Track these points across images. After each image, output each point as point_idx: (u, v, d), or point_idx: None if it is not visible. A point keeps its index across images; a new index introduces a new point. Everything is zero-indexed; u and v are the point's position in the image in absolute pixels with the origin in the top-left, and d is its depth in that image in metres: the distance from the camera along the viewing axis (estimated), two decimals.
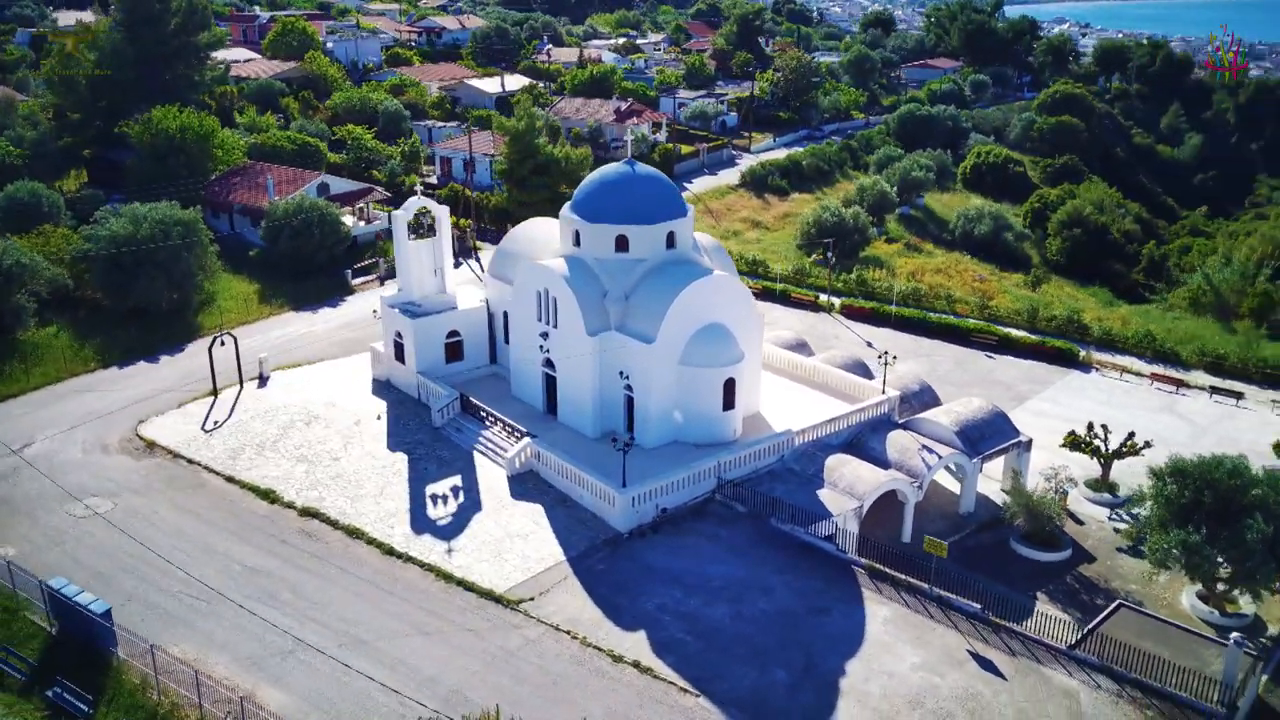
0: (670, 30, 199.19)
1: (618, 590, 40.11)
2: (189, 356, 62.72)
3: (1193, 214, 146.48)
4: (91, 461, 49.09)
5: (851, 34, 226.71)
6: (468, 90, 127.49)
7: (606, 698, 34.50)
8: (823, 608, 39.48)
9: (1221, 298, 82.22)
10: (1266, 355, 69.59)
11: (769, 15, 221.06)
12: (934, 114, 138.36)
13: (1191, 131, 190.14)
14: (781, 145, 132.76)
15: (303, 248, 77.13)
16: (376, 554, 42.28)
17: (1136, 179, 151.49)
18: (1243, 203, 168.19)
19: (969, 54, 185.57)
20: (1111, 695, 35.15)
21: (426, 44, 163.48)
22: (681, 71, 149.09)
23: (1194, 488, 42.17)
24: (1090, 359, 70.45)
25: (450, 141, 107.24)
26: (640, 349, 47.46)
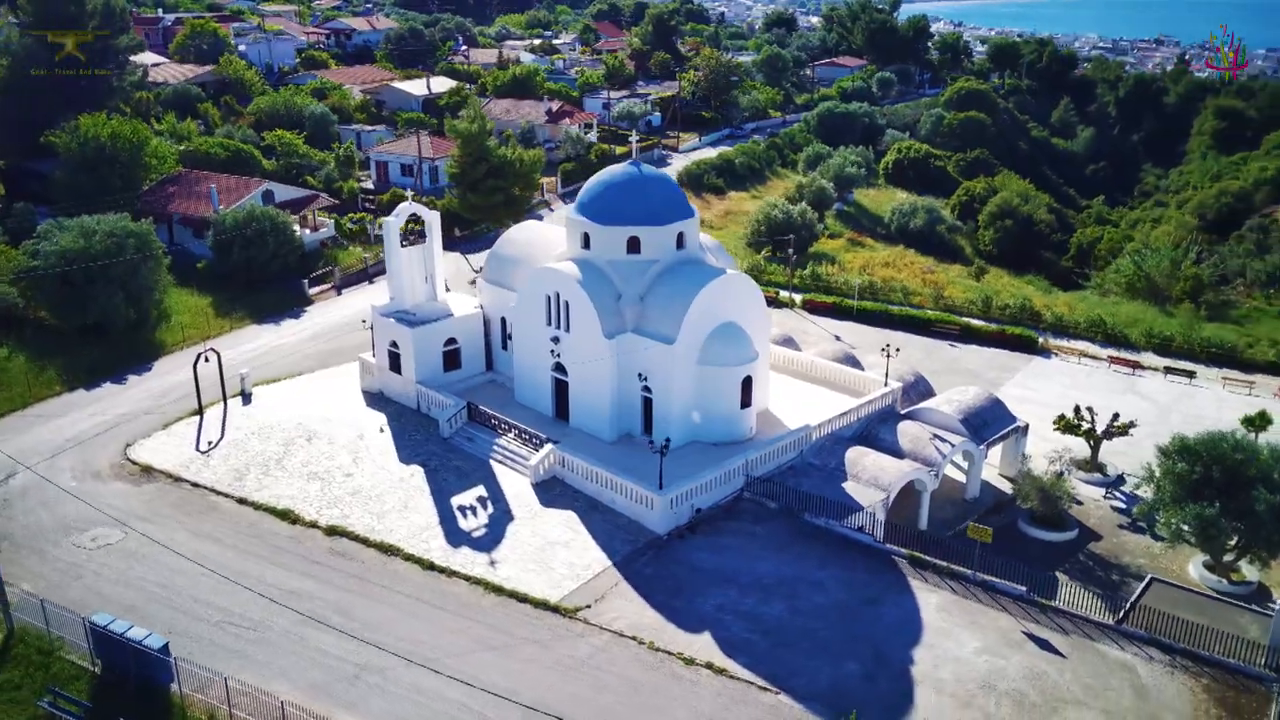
0: (578, 31, 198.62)
1: (672, 593, 40.01)
2: (158, 375, 60.09)
3: (1094, 203, 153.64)
4: (87, 490, 46.49)
5: (752, 35, 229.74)
6: (392, 93, 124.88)
7: (690, 701, 34.41)
8: (874, 598, 40.14)
9: (1153, 282, 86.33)
10: (1208, 335, 73.50)
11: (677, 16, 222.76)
12: (851, 111, 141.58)
13: (1081, 125, 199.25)
14: (707, 144, 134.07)
15: (255, 258, 74.51)
16: (417, 570, 41.23)
17: (1040, 171, 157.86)
18: (1132, 191, 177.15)
19: (872, 52, 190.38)
20: (1165, 666, 36.69)
21: (336, 46, 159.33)
22: (601, 72, 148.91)
23: (1202, 464, 44.29)
24: (1048, 345, 73.29)
25: (385, 145, 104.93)
26: (661, 350, 47.39)
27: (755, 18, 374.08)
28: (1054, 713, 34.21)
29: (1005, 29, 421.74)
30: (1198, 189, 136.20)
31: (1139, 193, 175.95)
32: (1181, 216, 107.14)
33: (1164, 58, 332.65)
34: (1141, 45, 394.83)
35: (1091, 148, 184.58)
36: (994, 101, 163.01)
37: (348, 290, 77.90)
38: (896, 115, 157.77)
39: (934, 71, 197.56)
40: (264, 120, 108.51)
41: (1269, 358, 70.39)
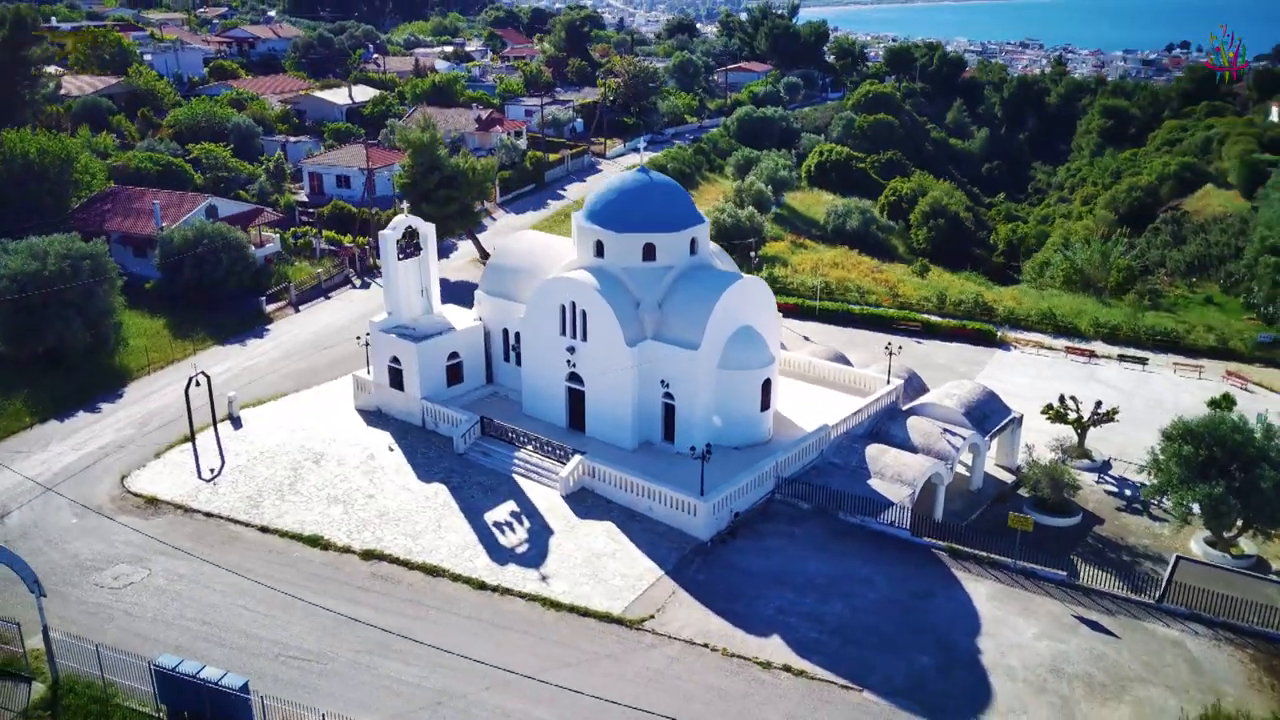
0: (485, 38, 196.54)
1: (731, 598, 40.06)
2: (132, 402, 57.22)
3: (997, 201, 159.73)
4: (93, 526, 43.93)
5: (654, 42, 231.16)
6: (314, 103, 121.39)
7: (779, 704, 34.52)
8: (925, 592, 40.97)
9: (1086, 275, 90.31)
10: (1150, 323, 77.32)
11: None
12: (769, 116, 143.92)
13: (973, 125, 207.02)
14: (631, 150, 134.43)
15: (208, 277, 71.58)
16: (467, 590, 40.26)
17: (946, 170, 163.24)
18: (1025, 188, 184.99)
19: (775, 57, 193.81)
20: (1209, 640, 38.47)
21: (239, 55, 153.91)
22: (519, 79, 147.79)
23: (1205, 445, 46.59)
24: (1007, 337, 75.99)
25: (318, 157, 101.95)
26: (686, 356, 47.41)
27: (639, 24, 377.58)
28: (1123, 691, 35.51)
29: (879, 33, 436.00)
30: (1096, 185, 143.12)
31: (1032, 190, 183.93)
32: (1098, 211, 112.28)
33: (1030, 60, 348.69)
34: (1009, 48, 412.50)
35: (987, 147, 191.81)
36: (899, 104, 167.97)
37: (305, 307, 75.49)
38: (807, 119, 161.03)
39: (835, 76, 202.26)
40: (184, 133, 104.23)
41: (1209, 343, 74.51)
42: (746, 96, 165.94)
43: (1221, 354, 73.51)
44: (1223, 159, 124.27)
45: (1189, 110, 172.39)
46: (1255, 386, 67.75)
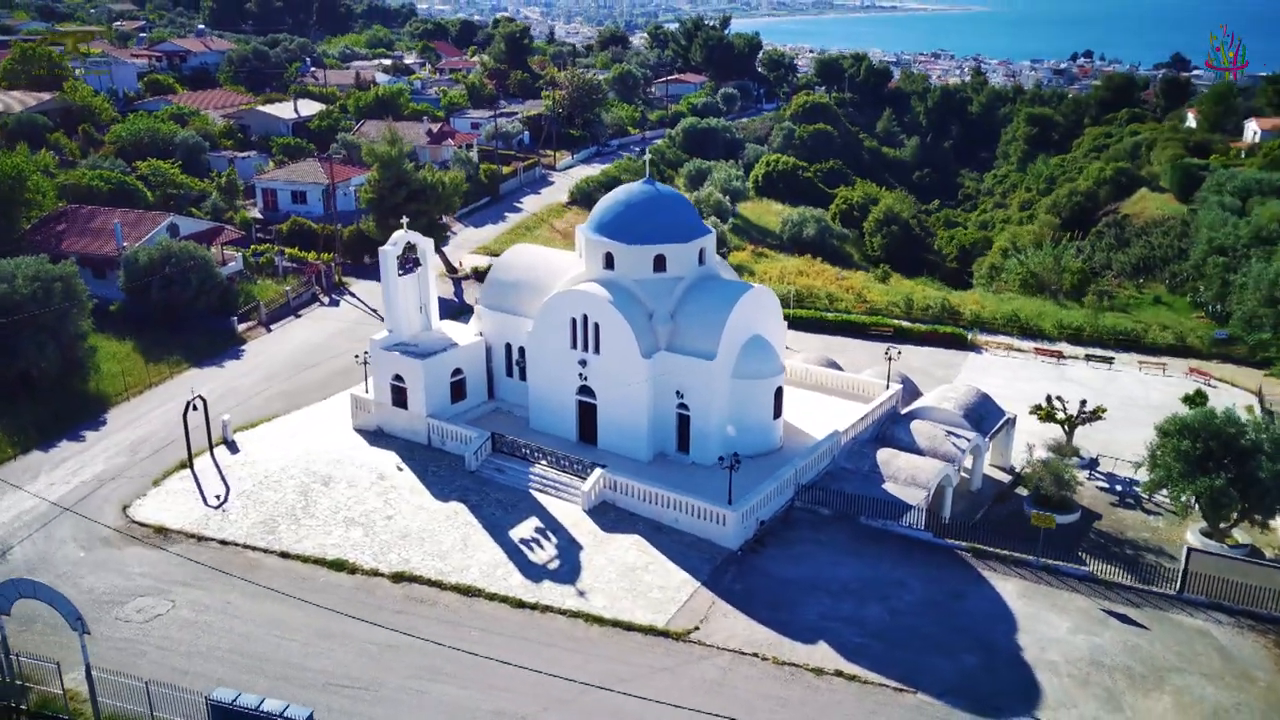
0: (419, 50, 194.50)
1: (771, 606, 40.25)
2: (117, 429, 55.27)
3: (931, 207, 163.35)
4: (103, 559, 42.30)
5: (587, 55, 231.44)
6: (258, 117, 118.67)
7: (838, 710, 34.80)
8: (958, 592, 41.71)
9: (1040, 279, 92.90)
10: (1110, 324, 79.90)
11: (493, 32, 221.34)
12: (714, 127, 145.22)
13: (902, 134, 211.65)
14: (579, 162, 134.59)
15: (177, 298, 69.45)
16: (506, 609, 39.77)
17: (883, 179, 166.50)
18: (956, 195, 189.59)
19: (710, 69, 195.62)
20: (1232, 627, 39.89)
21: (170, 69, 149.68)
22: (462, 91, 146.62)
23: (1201, 439, 48.30)
24: (977, 340, 77.79)
25: (272, 172, 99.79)
26: (702, 366, 47.58)
27: (560, 35, 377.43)
28: (1162, 681, 36.60)
29: (796, 45, 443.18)
30: (1031, 190, 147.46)
31: (962, 196, 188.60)
32: (1042, 216, 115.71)
33: (943, 69, 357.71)
34: (923, 59, 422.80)
35: (918, 156, 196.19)
36: (836, 114, 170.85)
37: (276, 326, 73.75)
38: (747, 130, 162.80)
39: (768, 87, 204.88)
40: (127, 149, 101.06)
41: (1168, 341, 77.22)
42: (686, 108, 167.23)
43: (1180, 351, 76.18)
44: (1152, 164, 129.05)
45: (1110, 117, 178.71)
46: (1218, 382, 70.41)
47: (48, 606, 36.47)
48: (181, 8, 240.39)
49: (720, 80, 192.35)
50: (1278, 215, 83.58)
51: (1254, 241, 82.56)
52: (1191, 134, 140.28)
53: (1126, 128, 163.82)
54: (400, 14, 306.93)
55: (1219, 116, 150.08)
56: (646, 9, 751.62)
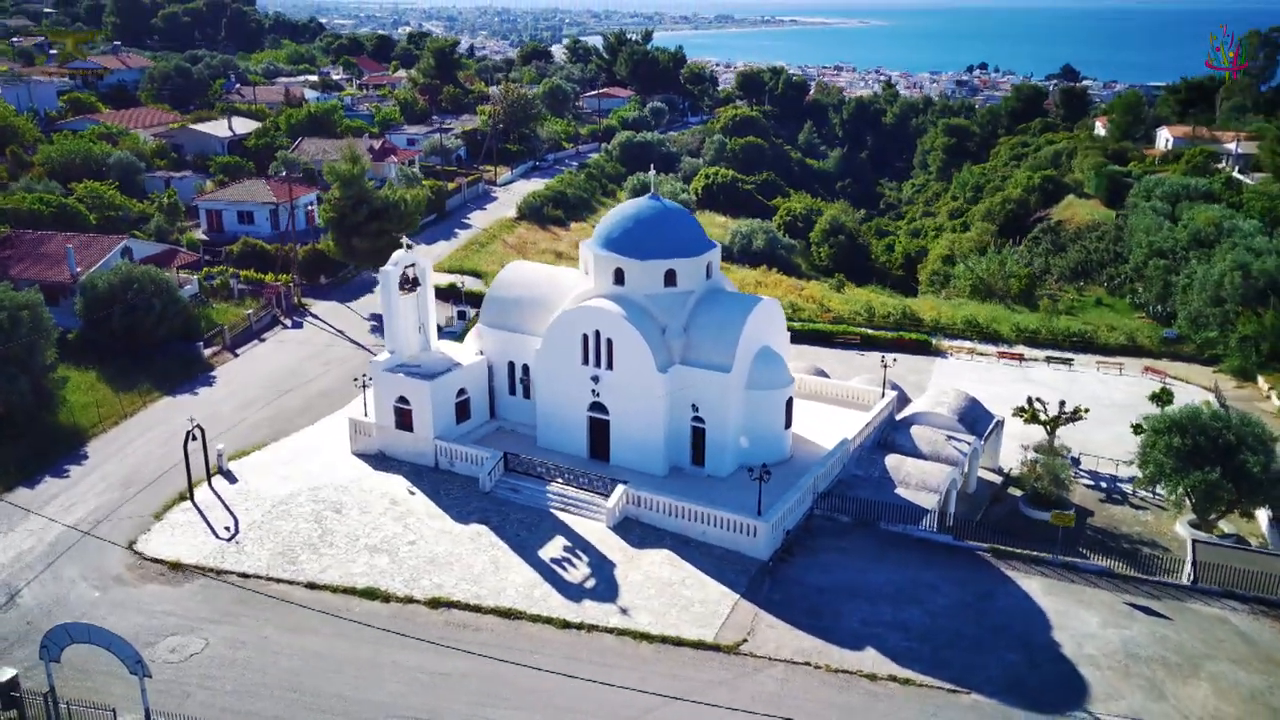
0: (341, 65, 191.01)
1: (812, 614, 40.63)
2: (102, 463, 53.07)
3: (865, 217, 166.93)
4: (120, 599, 40.54)
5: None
6: (191, 135, 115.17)
7: (900, 713, 35.30)
8: (986, 592, 42.70)
9: (987, 284, 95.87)
10: (1064, 326, 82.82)
11: (410, 46, 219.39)
12: (649, 140, 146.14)
13: (822, 145, 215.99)
14: (519, 177, 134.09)
15: (140, 324, 66.98)
16: (552, 630, 39.35)
17: (812, 189, 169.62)
18: (877, 204, 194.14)
19: (636, 83, 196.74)
20: (1249, 614, 41.66)
21: (86, 87, 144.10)
22: (394, 107, 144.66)
23: (1189, 435, 50.47)
24: (941, 346, 79.80)
25: (215, 192, 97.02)
26: (718, 379, 47.88)
27: (480, 51, 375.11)
28: (1197, 669, 38.03)
29: (702, 58, 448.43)
30: (958, 199, 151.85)
31: (883, 205, 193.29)
32: (978, 224, 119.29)
33: (846, 82, 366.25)
34: (827, 71, 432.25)
35: (840, 166, 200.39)
36: (765, 127, 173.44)
37: (241, 350, 71.69)
38: (677, 143, 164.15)
39: (693, 100, 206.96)
40: (58, 170, 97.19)
41: (1120, 341, 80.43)
42: (617, 122, 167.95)
43: (1131, 351, 79.40)
44: (1074, 171, 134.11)
45: (1023, 127, 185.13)
46: (1173, 380, 73.52)
47: (70, 649, 35.10)
48: (81, 23, 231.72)
49: (645, 94, 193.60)
50: (1213, 220, 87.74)
51: (1192, 244, 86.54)
52: (1108, 143, 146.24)
53: (1041, 136, 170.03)
54: (308, 29, 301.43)
55: (1129, 125, 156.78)
56: (550, 23, 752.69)
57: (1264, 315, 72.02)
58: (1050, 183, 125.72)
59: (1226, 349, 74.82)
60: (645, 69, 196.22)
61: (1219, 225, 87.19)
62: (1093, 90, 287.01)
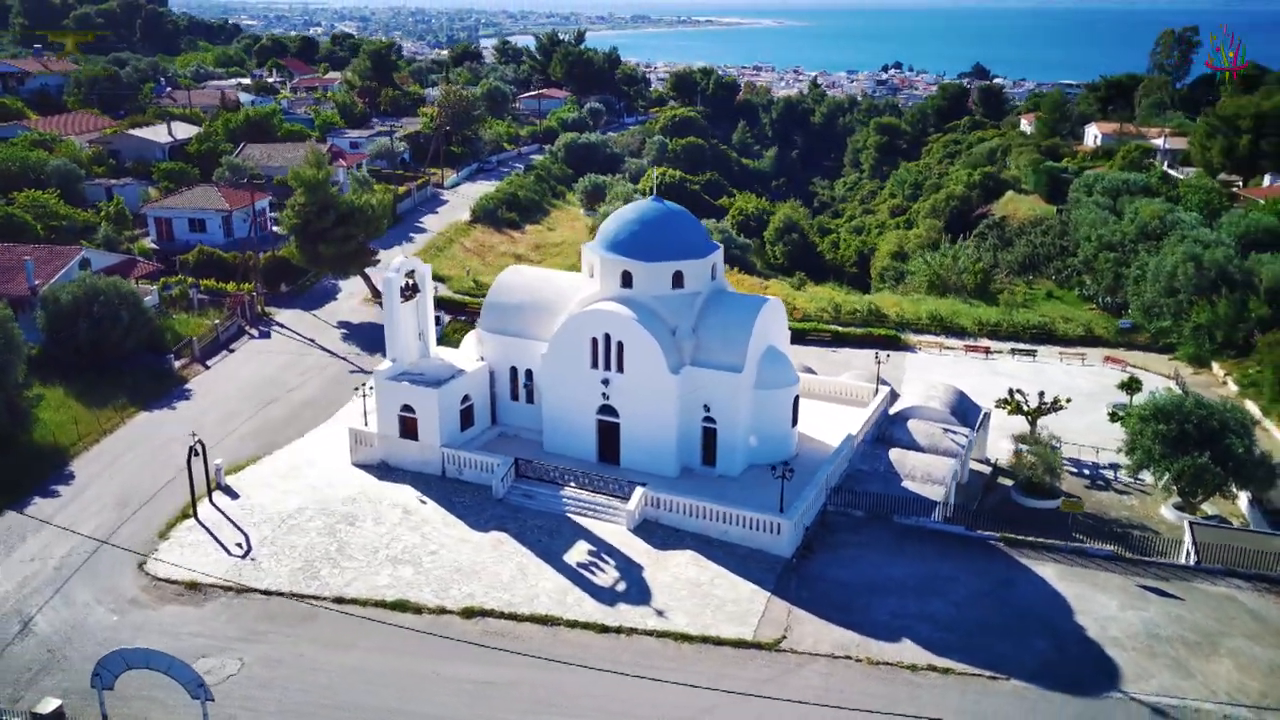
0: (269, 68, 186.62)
1: (842, 609, 41.19)
2: (90, 482, 51.34)
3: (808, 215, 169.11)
4: (141, 621, 39.25)
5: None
6: (130, 141, 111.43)
7: (947, 703, 36.02)
8: (1006, 580, 43.79)
9: (943, 279, 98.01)
10: (1024, 319, 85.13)
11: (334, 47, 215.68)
12: (593, 141, 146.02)
13: (755, 145, 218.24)
14: (465, 179, 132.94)
15: (108, 337, 64.78)
16: (591, 635, 39.25)
17: (752, 188, 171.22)
18: (811, 203, 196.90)
19: (571, 84, 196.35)
20: (1252, 591, 43.45)
21: (5, 91, 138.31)
22: (333, 110, 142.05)
23: (1176, 422, 52.42)
24: (910, 340, 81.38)
25: (163, 200, 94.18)
26: (729, 379, 48.22)
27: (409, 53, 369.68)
28: (1216, 646, 39.55)
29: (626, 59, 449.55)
30: (896, 196, 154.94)
31: (817, 204, 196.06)
32: (926, 220, 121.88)
33: (767, 81, 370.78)
34: (746, 71, 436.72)
35: (775, 165, 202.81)
36: (704, 127, 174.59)
37: (212, 362, 69.79)
38: (617, 144, 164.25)
39: (628, 101, 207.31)
40: None
41: (1078, 332, 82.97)
42: (556, 123, 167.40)
43: (1089, 341, 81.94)
44: (1011, 168, 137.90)
45: (952, 125, 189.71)
46: (1133, 368, 76.11)
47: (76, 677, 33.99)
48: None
49: (581, 95, 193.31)
50: (1158, 213, 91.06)
51: (1139, 237, 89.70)
52: (1038, 140, 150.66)
53: (972, 134, 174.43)
54: (224, 30, 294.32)
55: (1055, 122, 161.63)
56: (465, 23, 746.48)
57: (1217, 304, 75.04)
58: (990, 179, 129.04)
59: (1180, 337, 77.75)
60: (580, 70, 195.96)
61: (1163, 219, 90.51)
62: (1006, 88, 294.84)
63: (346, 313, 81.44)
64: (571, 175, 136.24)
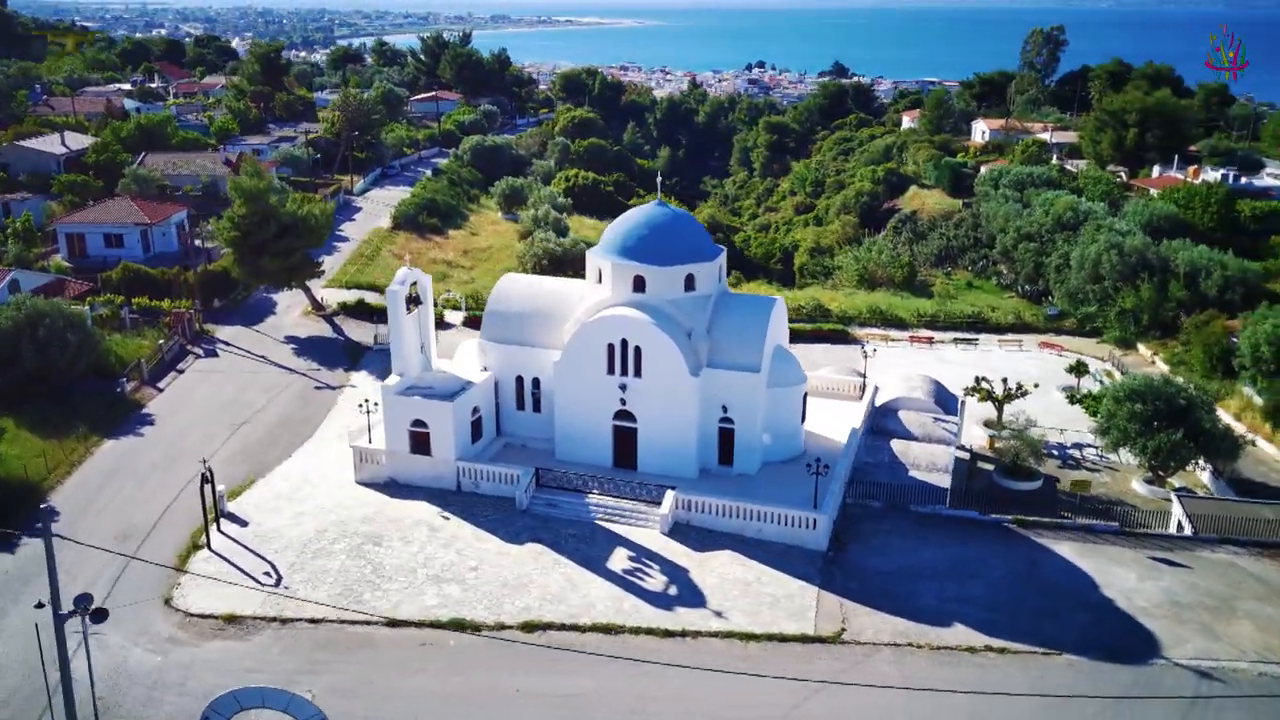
0: (143, 72, 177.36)
1: (889, 598, 42.33)
2: (77, 517, 48.39)
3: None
4: (186, 660, 37.28)
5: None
6: (19, 152, 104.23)
7: (1014, 680, 37.45)
8: (1029, 560, 45.80)
9: (871, 273, 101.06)
10: (957, 309, 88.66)
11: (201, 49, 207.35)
12: (499, 144, 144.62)
13: (644, 144, 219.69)
14: (372, 185, 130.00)
15: (55, 363, 61.02)
16: (657, 640, 39.28)
17: (653, 188, 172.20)
18: (706, 200, 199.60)
19: (461, 85, 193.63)
20: (1249, 556, 46.63)
21: None
22: (228, 116, 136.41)
23: (1149, 401, 55.64)
24: (857, 334, 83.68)
25: (74, 215, 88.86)
26: (748, 379, 48.84)
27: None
28: (1233, 610, 42.30)
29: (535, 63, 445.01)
30: (797, 193, 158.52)
31: (708, 202, 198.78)
32: (842, 217, 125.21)
33: (635, 80, 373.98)
34: (614, 70, 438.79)
35: (668, 165, 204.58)
36: (603, 128, 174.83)
37: (163, 384, 66.41)
38: (522, 146, 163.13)
39: (519, 103, 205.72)
40: None
41: (1010, 321, 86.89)
42: (453, 125, 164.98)
43: (1020, 329, 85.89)
44: (908, 164, 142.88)
45: (839, 123, 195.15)
46: (1069, 353, 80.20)
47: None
48: None
49: (470, 97, 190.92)
50: (1071, 205, 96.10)
51: (1056, 228, 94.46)
52: (927, 136, 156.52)
53: (861, 131, 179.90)
54: (70, 32, 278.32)
55: (939, 119, 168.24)
56: (318, 24, 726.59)
57: (1141, 289, 79.80)
58: (894, 175, 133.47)
59: (1106, 321, 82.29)
60: (470, 72, 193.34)
61: (1076, 210, 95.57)
62: (875, 87, 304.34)
63: (290, 327, 78.59)
64: (481, 179, 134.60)
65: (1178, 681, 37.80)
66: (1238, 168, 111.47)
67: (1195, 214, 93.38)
